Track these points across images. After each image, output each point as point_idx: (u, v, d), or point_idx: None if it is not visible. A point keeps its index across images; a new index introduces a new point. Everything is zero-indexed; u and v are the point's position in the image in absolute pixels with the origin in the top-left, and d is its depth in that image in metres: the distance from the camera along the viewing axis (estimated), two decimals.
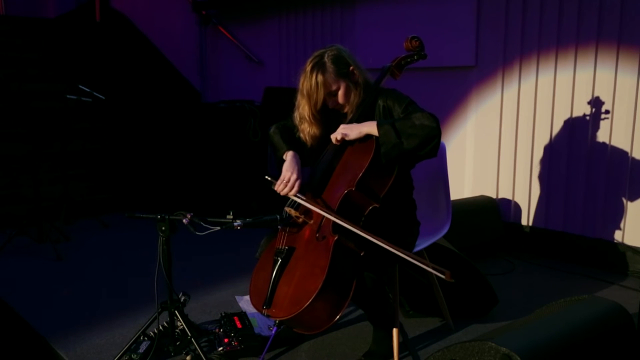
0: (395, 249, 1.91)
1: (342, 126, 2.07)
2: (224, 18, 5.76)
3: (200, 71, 6.06)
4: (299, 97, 2.16)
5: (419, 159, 2.07)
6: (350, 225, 1.92)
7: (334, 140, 2.09)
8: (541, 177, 3.67)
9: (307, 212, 2.05)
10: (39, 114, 5.10)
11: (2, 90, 5.17)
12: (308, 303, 1.81)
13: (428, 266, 1.91)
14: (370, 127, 2.00)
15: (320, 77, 2.07)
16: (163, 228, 2.18)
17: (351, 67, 2.13)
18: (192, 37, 6.06)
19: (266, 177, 2.12)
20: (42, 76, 5.89)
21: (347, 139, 2.05)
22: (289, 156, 2.15)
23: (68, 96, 4.23)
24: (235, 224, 1.94)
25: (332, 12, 4.73)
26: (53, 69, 6.02)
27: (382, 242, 1.90)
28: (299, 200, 2.05)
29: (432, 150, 1.97)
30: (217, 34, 5.85)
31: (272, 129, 2.29)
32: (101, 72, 6.09)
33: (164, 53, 6.53)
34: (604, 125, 3.36)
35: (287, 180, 2.07)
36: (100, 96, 4.30)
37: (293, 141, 2.23)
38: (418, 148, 1.95)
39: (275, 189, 2.08)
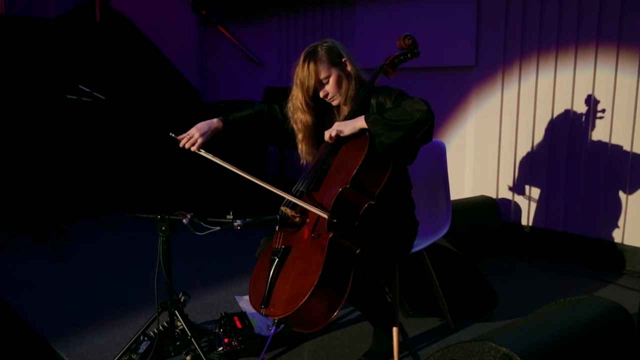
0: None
1: (336, 123, 2.08)
2: (224, 18, 5.76)
3: (200, 71, 6.07)
4: (293, 88, 2.20)
5: (415, 145, 2.06)
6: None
7: (327, 138, 2.09)
8: (541, 177, 3.67)
9: (304, 211, 2.05)
10: (39, 114, 5.10)
11: (2, 90, 5.18)
12: (304, 300, 1.81)
13: (309, 205, 1.97)
14: (361, 121, 2.01)
15: (312, 65, 2.12)
16: (163, 228, 2.18)
17: (344, 59, 2.16)
18: (192, 37, 6.06)
19: (170, 133, 2.27)
20: (42, 76, 5.89)
21: (341, 135, 2.06)
22: (212, 120, 2.30)
23: (68, 96, 4.23)
24: (235, 224, 1.93)
25: (332, 12, 4.73)
26: (53, 69, 6.02)
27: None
28: (202, 154, 2.21)
29: (426, 133, 1.95)
30: (217, 34, 5.85)
31: (259, 105, 2.40)
32: (101, 72, 6.09)
33: (164, 53, 6.53)
34: (603, 125, 3.36)
35: (190, 137, 2.23)
36: (100, 96, 4.30)
37: (241, 123, 2.32)
38: (412, 132, 1.94)
39: (179, 139, 2.25)
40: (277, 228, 2.08)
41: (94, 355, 2.37)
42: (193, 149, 2.23)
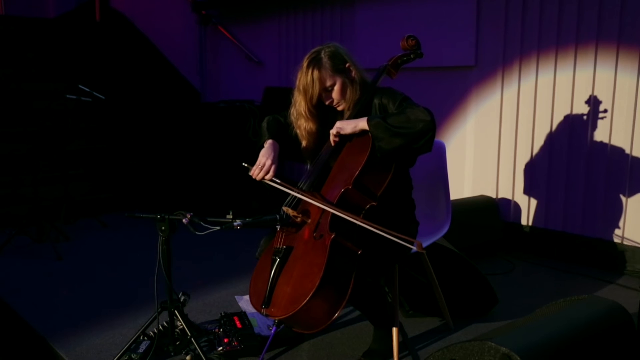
0: (376, 227, 1.93)
1: (338, 122, 2.08)
2: (224, 18, 5.76)
3: (200, 71, 6.07)
4: (295, 93, 2.17)
5: (414, 154, 2.06)
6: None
7: (332, 139, 2.09)
8: (541, 177, 3.67)
9: (306, 212, 2.05)
10: (39, 114, 5.10)
11: (2, 90, 5.18)
12: (305, 302, 1.81)
13: (399, 238, 1.92)
14: (364, 123, 2.00)
15: (316, 73, 2.08)
16: (163, 228, 2.18)
17: (348, 64, 2.14)
18: (192, 37, 6.06)
19: (244, 164, 2.15)
20: (42, 76, 5.89)
21: (342, 133, 2.05)
22: (267, 143, 2.20)
23: (68, 96, 4.23)
24: (235, 224, 1.93)
25: (332, 12, 4.73)
26: (53, 69, 6.02)
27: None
28: (275, 185, 2.08)
29: (427, 143, 1.95)
30: (217, 34, 5.85)
31: (265, 120, 2.33)
32: (101, 72, 6.09)
33: (164, 53, 6.53)
34: (603, 125, 3.36)
35: (262, 166, 2.11)
36: (100, 96, 4.30)
37: (279, 132, 2.25)
38: (412, 141, 1.94)
39: (251, 174, 2.12)
40: (278, 228, 2.08)
41: (94, 355, 2.37)
42: (267, 178, 2.10)
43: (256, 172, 2.11)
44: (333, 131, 2.07)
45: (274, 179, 2.10)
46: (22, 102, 5.21)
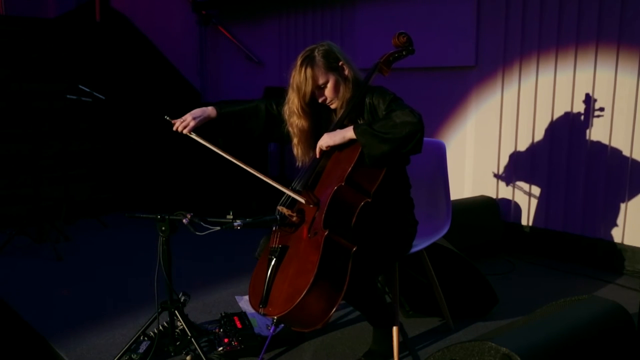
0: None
1: (325, 135, 2.09)
2: (224, 18, 5.76)
3: (200, 71, 6.07)
4: (289, 91, 2.18)
5: (404, 157, 2.07)
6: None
7: (317, 153, 2.10)
8: (541, 177, 3.67)
9: (301, 211, 2.06)
10: (39, 114, 5.11)
11: (3, 90, 5.18)
12: (300, 298, 1.82)
13: (287, 190, 2.03)
14: (350, 132, 2.00)
15: (309, 71, 2.10)
16: (163, 228, 2.19)
17: (341, 62, 2.15)
18: (192, 37, 6.06)
19: (165, 116, 2.30)
20: (42, 76, 5.89)
21: (331, 144, 2.06)
22: (206, 107, 2.32)
23: (68, 96, 4.23)
24: (235, 224, 1.94)
25: (332, 12, 4.73)
26: (53, 69, 6.02)
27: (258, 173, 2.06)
28: (196, 139, 2.22)
29: (415, 146, 1.95)
30: (217, 34, 5.85)
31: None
32: (101, 72, 6.09)
33: (164, 53, 6.53)
34: (603, 125, 3.36)
35: (183, 120, 2.25)
36: (100, 96, 4.30)
37: (238, 113, 2.32)
38: (400, 146, 1.94)
39: (173, 122, 2.28)
40: (274, 228, 2.08)
41: (94, 355, 2.37)
42: (185, 131, 2.24)
43: (177, 124, 2.25)
44: (322, 146, 2.07)
45: (192, 133, 2.23)
46: (22, 102, 5.21)
